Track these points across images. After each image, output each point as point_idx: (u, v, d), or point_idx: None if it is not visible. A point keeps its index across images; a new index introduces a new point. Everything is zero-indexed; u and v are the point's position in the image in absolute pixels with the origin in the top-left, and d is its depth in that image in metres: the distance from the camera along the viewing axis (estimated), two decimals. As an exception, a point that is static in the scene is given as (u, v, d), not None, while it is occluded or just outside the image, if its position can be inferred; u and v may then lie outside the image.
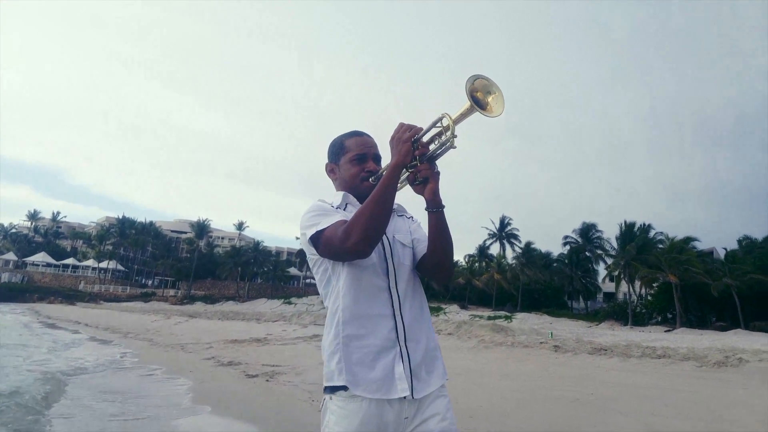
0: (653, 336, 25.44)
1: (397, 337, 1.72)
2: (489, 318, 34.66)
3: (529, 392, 8.26)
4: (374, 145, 1.96)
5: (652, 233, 44.43)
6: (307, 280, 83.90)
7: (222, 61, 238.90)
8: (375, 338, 1.71)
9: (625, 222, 45.70)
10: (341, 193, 1.93)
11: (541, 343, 14.99)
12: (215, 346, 15.50)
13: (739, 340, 22.63)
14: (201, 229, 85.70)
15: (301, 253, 75.32)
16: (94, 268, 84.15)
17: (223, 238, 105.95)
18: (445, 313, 44.02)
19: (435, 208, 1.77)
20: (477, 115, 1.56)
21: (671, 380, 9.67)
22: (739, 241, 43.20)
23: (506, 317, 38.90)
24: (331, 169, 2.00)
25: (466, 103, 1.56)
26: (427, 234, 1.84)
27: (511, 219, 61.27)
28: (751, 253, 38.96)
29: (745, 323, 34.47)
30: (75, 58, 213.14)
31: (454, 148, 1.62)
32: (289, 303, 58.28)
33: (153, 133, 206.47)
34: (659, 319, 41.21)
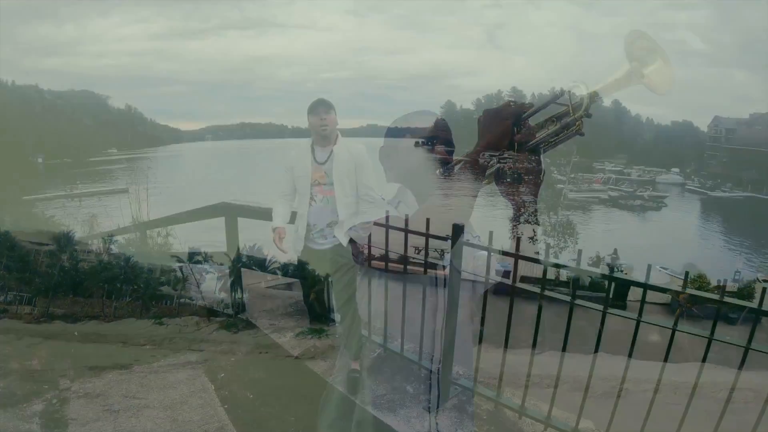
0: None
1: None
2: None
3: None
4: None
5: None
6: (182, 300, 79.26)
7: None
8: None
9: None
10: None
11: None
12: (72, 373, 14.25)
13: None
14: (65, 240, 78.40)
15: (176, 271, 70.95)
16: (-71, 280, 73.60)
17: (89, 252, 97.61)
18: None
19: None
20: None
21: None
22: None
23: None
24: None
25: (624, 67, 1.00)
26: None
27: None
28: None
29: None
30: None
31: (582, 135, 1.05)
32: (161, 323, 54.83)
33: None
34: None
